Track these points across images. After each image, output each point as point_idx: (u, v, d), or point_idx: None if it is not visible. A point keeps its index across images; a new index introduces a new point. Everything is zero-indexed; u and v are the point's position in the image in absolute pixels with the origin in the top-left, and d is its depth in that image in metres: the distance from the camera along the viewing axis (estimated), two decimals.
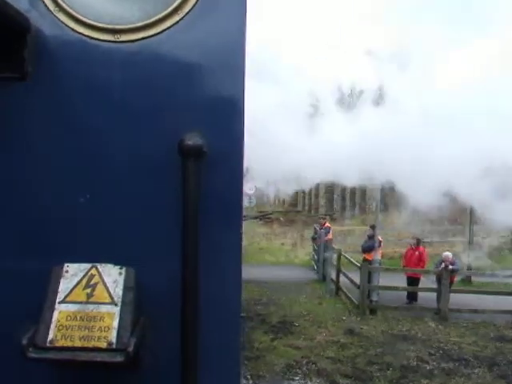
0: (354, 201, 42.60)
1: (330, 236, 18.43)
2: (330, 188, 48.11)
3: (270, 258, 23.54)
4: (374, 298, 13.32)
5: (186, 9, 1.88)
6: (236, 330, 1.93)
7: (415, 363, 9.68)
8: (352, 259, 15.23)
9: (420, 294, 14.97)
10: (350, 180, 15.91)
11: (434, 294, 13.98)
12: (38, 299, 1.69)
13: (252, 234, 35.17)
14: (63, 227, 1.84)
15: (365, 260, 14.90)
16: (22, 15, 1.76)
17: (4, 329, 1.77)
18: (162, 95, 1.87)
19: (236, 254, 1.94)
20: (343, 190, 45.39)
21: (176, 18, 1.87)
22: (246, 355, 9.39)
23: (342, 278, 15.60)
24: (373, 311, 13.30)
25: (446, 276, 12.99)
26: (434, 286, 14.80)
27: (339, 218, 41.72)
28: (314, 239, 20.43)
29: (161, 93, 1.87)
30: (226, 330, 1.91)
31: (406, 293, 15.04)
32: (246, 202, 45.93)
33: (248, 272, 18.78)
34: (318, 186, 53.30)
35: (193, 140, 1.77)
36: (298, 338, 10.99)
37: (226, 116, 1.92)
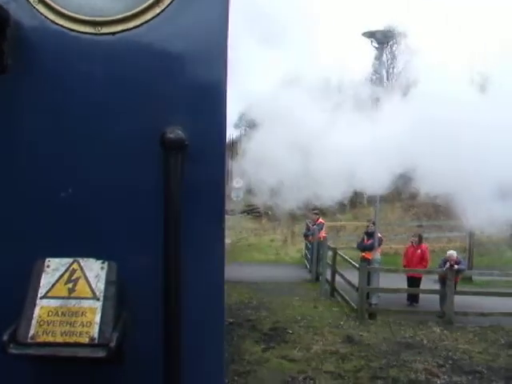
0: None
1: (323, 233, 17.19)
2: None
3: (260, 256, 22.33)
4: (374, 301, 12.29)
5: (167, 1, 1.87)
6: (220, 322, 1.94)
7: (424, 377, 8.95)
8: (348, 258, 13.95)
9: (421, 295, 14.52)
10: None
11: (436, 295, 13.46)
12: (20, 294, 1.68)
13: (240, 229, 33.83)
14: (44, 221, 1.82)
15: (363, 259, 13.67)
16: (1, 8, 1.75)
17: None
18: (143, 88, 1.87)
19: (218, 248, 1.96)
20: None
21: (157, 10, 1.88)
22: (236, 369, 8.80)
23: (337, 278, 14.99)
24: (372, 315, 12.52)
25: (451, 277, 11.86)
26: (436, 285, 14.25)
27: (329, 213, 40.41)
28: (306, 236, 19.23)
29: (142, 86, 1.87)
30: (210, 323, 1.92)
31: (405, 293, 14.37)
32: (233, 197, 43.99)
33: (236, 271, 17.66)
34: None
35: (174, 133, 1.78)
36: (293, 347, 10.23)
37: (208, 108, 1.93)
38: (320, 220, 18.65)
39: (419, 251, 14.29)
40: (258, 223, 36.44)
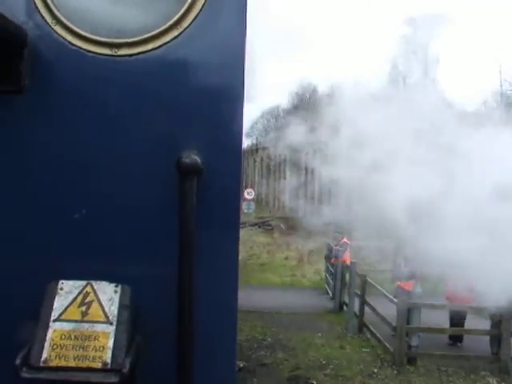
0: None
1: (347, 256, 14.78)
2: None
3: (274, 278, 20.02)
4: (414, 342, 11.06)
5: (185, 24, 1.91)
6: (232, 343, 1.99)
7: None
8: (380, 288, 11.47)
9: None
10: None
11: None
12: (33, 316, 1.71)
13: (251, 244, 31.31)
14: (58, 243, 1.85)
15: (400, 290, 11.17)
16: (20, 29, 1.80)
17: None
18: (159, 110, 1.90)
19: (233, 269, 1.96)
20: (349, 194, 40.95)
21: (175, 32, 1.91)
22: None
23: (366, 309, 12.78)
24: (411, 360, 10.60)
25: (509, 316, 9.29)
26: (485, 321, 11.74)
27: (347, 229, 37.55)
28: (328, 258, 16.75)
29: (158, 108, 1.90)
30: (222, 346, 1.95)
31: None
32: (244, 208, 42.04)
33: (248, 297, 15.11)
34: (320, 191, 49.30)
35: (190, 158, 1.80)
36: None
37: (224, 133, 1.95)
38: (344, 240, 16.21)
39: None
40: (270, 237, 33.99)
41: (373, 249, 24.73)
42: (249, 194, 41.45)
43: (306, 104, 65.22)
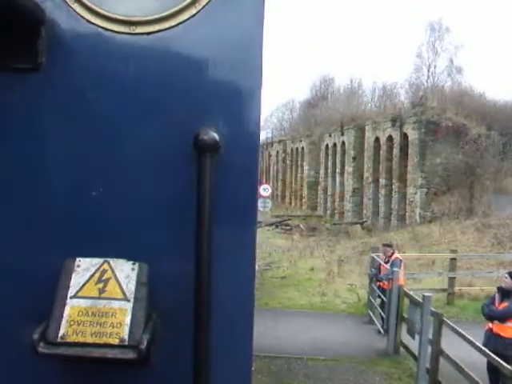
0: (390, 206, 34.20)
1: (401, 278, 10.68)
2: (359, 190, 39.77)
3: (299, 297, 15.81)
4: None
5: (203, 1, 1.91)
6: (249, 327, 1.95)
7: None
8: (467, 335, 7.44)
9: None
10: None
11: None
12: (50, 293, 1.76)
13: (268, 247, 27.18)
14: (76, 221, 1.89)
15: (493, 333, 6.91)
16: (38, 6, 1.83)
17: (15, 323, 1.84)
18: (177, 89, 1.91)
19: (250, 250, 1.97)
20: (375, 190, 37.13)
21: (193, 10, 1.91)
22: None
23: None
24: None
25: None
26: None
27: (373, 229, 33.41)
28: (375, 278, 12.53)
29: (176, 86, 1.91)
30: (239, 328, 1.93)
31: None
32: (260, 207, 37.20)
33: (269, 330, 11.06)
34: (343, 187, 44.59)
35: (208, 135, 1.80)
36: None
37: (242, 111, 1.95)
38: (396, 255, 11.98)
39: None
40: (290, 240, 29.88)
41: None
42: (265, 190, 37.08)
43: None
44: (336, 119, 45.26)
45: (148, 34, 1.89)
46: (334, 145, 45.20)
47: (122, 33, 1.88)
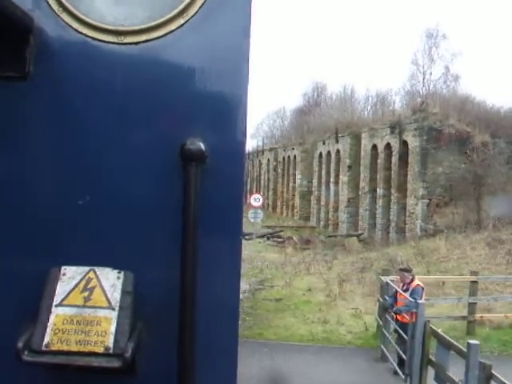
0: (388, 217, 32.05)
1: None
2: (354, 200, 37.62)
3: (298, 325, 13.51)
4: None
5: (191, 12, 1.94)
6: (234, 333, 1.98)
7: None
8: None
9: None
10: None
11: None
12: (35, 301, 1.78)
13: (260, 263, 24.80)
14: (61, 229, 1.93)
15: None
16: (27, 15, 1.87)
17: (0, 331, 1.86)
18: (164, 98, 1.95)
19: (235, 260, 1.98)
20: (372, 200, 35.07)
21: (181, 20, 1.94)
22: None
23: None
24: None
25: None
26: None
27: (370, 241, 31.22)
28: (390, 310, 10.09)
29: (163, 96, 1.95)
30: (224, 335, 1.95)
31: None
32: (250, 217, 34.76)
33: (265, 372, 8.44)
34: (337, 197, 42.42)
35: (194, 144, 1.83)
36: None
37: (229, 120, 1.98)
38: (416, 282, 9.63)
39: None
40: (283, 253, 27.62)
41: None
42: (256, 200, 34.76)
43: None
44: (330, 126, 43.69)
45: (136, 43, 1.92)
46: (328, 153, 43.43)
47: (110, 42, 1.91)
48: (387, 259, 22.55)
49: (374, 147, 35.80)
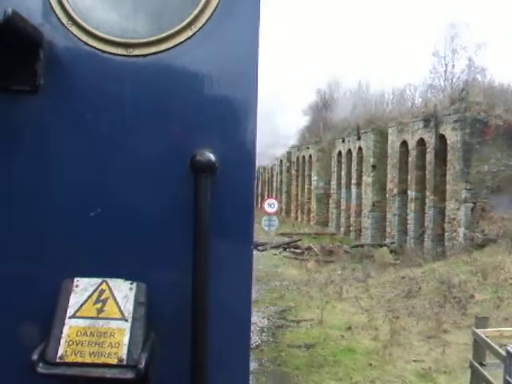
0: (423, 224, 26.85)
1: None
2: (380, 204, 32.27)
3: None
4: None
5: (199, 24, 2.00)
6: (246, 345, 2.04)
7: None
8: None
9: None
10: None
11: None
12: (48, 313, 1.85)
13: (279, 284, 19.97)
14: (73, 241, 1.99)
15: None
16: (36, 29, 1.95)
17: (14, 342, 1.92)
18: (173, 110, 2.02)
19: (246, 270, 2.01)
20: (402, 204, 29.90)
21: (189, 32, 1.99)
22: None
23: None
24: None
25: None
26: None
27: (402, 252, 26.27)
28: None
29: (173, 108, 2.01)
30: (236, 346, 2.00)
31: None
32: (264, 225, 28.77)
33: None
34: (360, 200, 37.17)
35: (204, 156, 1.88)
36: None
37: (238, 130, 2.03)
38: None
39: None
40: (304, 268, 22.65)
41: None
42: (270, 205, 29.69)
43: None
44: (350, 122, 38.30)
45: (145, 55, 1.98)
46: (349, 151, 39.36)
47: (119, 55, 1.98)
48: (438, 280, 17.82)
49: (404, 144, 31.94)
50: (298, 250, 31.91)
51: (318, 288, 19.81)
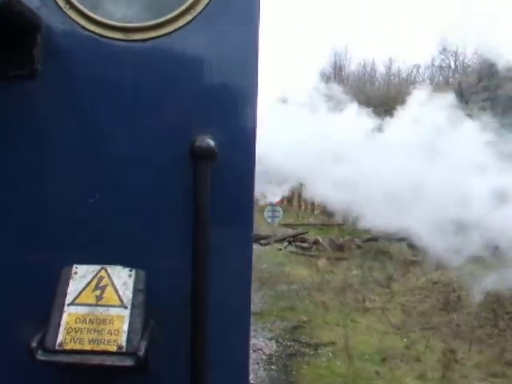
0: None
1: None
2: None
3: None
4: None
5: (199, 8, 1.97)
6: (245, 331, 2.01)
7: None
8: None
9: None
10: None
11: None
12: (47, 300, 1.85)
13: (286, 288, 16.69)
14: (72, 228, 1.99)
15: None
16: (34, 13, 1.94)
17: (13, 330, 1.93)
18: (172, 95, 2.00)
19: (247, 255, 2.01)
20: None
21: (188, 17, 1.96)
22: None
23: None
24: None
25: None
26: None
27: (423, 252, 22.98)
28: None
29: (172, 93, 1.99)
30: (235, 332, 1.99)
31: None
32: (267, 217, 28.38)
33: None
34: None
35: (204, 142, 1.87)
36: None
37: (238, 116, 2.01)
38: None
39: None
40: (314, 267, 19.41)
41: None
42: (275, 194, 25.54)
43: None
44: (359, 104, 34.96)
45: (144, 40, 1.97)
46: None
47: (118, 39, 1.98)
48: (481, 288, 14.45)
49: None
50: (305, 244, 29.27)
51: (333, 294, 16.60)
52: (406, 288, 17.78)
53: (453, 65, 49.37)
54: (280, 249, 27.98)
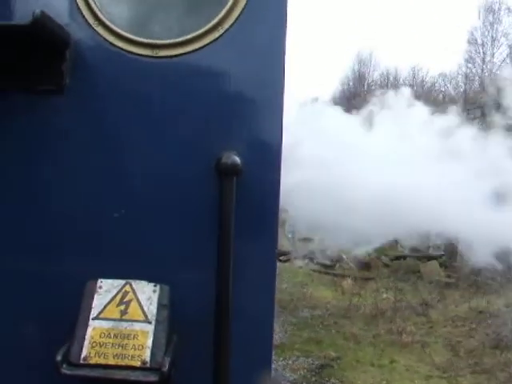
0: None
1: None
2: None
3: None
4: None
5: (226, 25, 2.03)
6: (268, 346, 2.06)
7: None
8: None
9: None
10: None
11: None
12: (72, 314, 1.91)
13: (309, 317, 14.43)
14: (98, 242, 2.06)
15: None
16: (63, 29, 2.03)
17: (38, 342, 1.99)
18: (198, 111, 2.06)
19: (271, 270, 2.05)
20: None
21: (216, 34, 2.03)
22: None
23: None
24: None
25: None
26: None
27: (452, 266, 21.35)
28: None
29: (197, 109, 2.06)
30: (259, 347, 2.02)
31: None
32: (287, 232, 24.93)
33: None
34: None
35: (230, 159, 1.93)
36: None
37: (264, 133, 2.07)
38: None
39: None
40: (339, 289, 17.09)
41: None
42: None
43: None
44: None
45: (171, 57, 2.03)
46: None
47: (145, 56, 2.03)
48: None
49: None
50: (327, 262, 26.77)
51: (363, 323, 14.53)
52: (446, 317, 15.56)
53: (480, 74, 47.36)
54: (301, 266, 26.14)
